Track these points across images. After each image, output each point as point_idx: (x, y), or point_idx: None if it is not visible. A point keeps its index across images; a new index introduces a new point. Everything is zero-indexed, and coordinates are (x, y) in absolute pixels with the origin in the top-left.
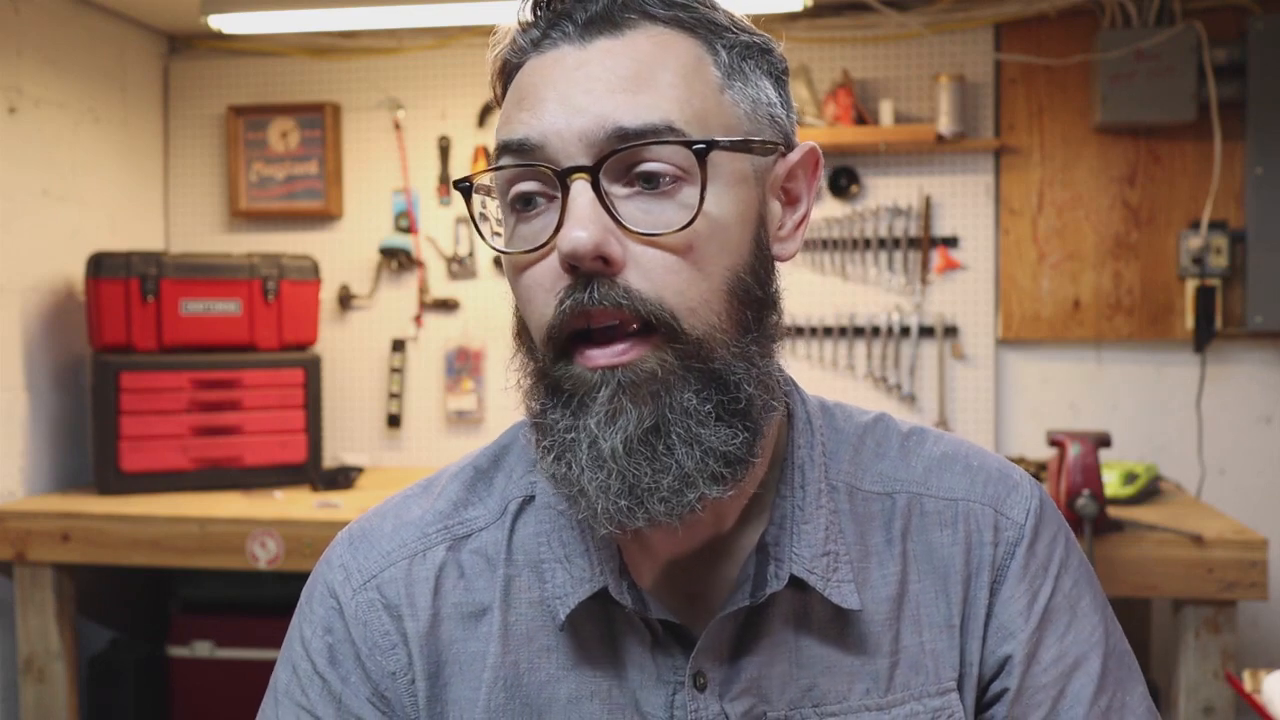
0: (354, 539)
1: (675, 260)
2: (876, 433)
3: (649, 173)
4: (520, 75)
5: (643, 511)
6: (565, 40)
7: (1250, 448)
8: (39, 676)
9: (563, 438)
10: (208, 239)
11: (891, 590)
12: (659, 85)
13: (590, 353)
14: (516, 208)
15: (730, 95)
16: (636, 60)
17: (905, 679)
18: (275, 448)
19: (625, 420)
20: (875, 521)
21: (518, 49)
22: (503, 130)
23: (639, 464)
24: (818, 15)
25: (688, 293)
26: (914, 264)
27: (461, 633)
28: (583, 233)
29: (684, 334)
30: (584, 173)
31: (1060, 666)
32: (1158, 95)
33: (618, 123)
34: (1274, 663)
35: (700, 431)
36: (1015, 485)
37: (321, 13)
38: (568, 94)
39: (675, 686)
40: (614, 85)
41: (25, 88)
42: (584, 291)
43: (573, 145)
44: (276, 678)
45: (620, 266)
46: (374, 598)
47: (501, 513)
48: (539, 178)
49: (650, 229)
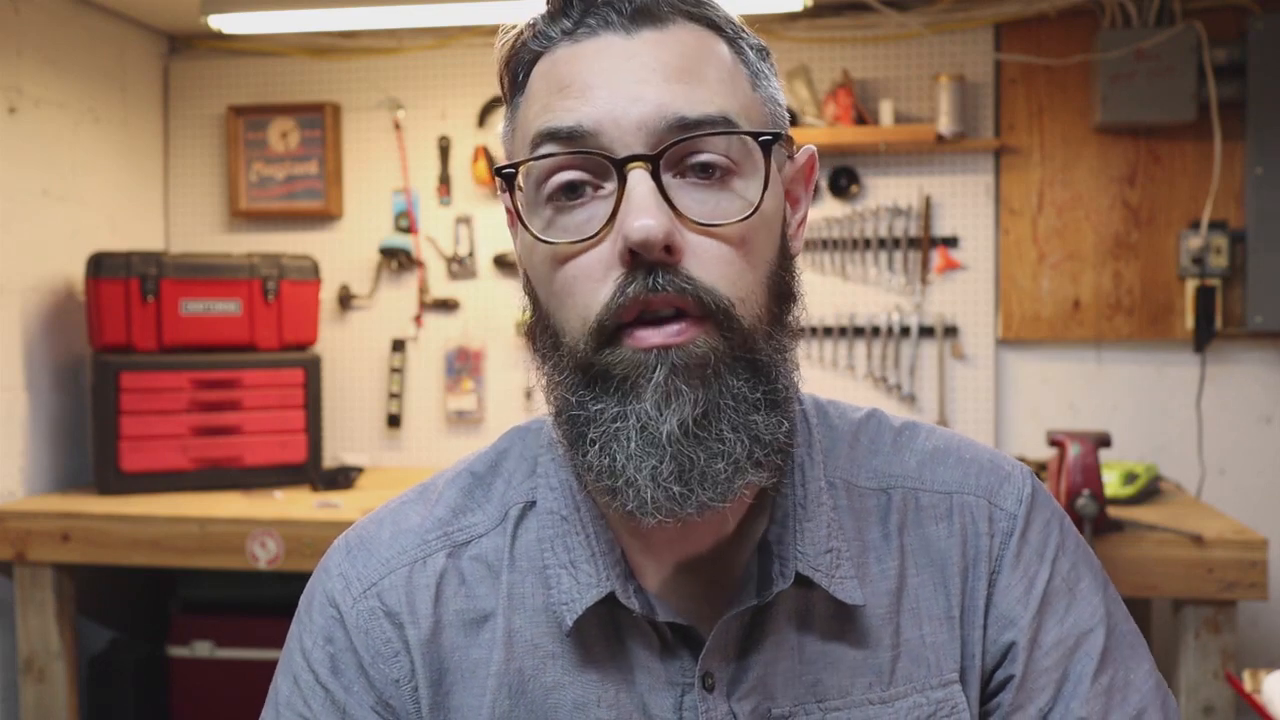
0: (351, 547)
1: (730, 251)
2: (869, 429)
3: (704, 163)
4: (554, 63)
5: (694, 498)
6: (608, 29)
7: (1250, 448)
8: (39, 676)
9: (609, 427)
10: (208, 239)
11: (890, 584)
12: (708, 79)
13: (642, 333)
14: (556, 198)
15: (759, 94)
16: (685, 54)
17: (907, 672)
18: (275, 448)
19: (682, 402)
20: (872, 517)
21: (543, 37)
22: (545, 118)
23: (694, 448)
24: (818, 15)
25: (739, 283)
26: (914, 264)
27: (464, 640)
28: (651, 221)
29: (736, 322)
30: (643, 161)
31: (1062, 649)
32: (1158, 95)
33: (678, 112)
34: (1274, 663)
35: (752, 418)
36: (1007, 475)
37: (321, 13)
38: (621, 82)
39: (684, 688)
40: (669, 75)
41: (25, 88)
42: (646, 279)
43: (630, 134)
44: (277, 689)
45: (681, 255)
46: (375, 605)
47: (502, 519)
48: (589, 167)
49: (709, 219)
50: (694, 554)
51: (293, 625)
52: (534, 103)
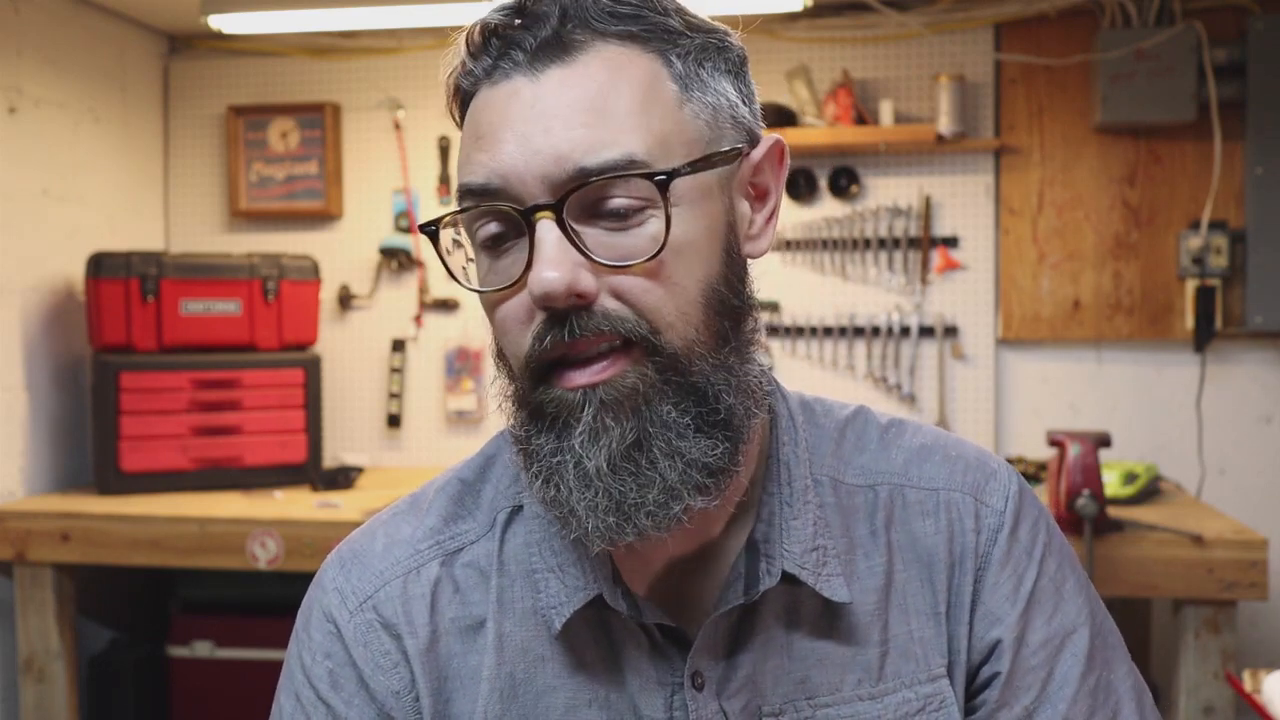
0: (345, 561)
1: (648, 282)
2: (856, 426)
3: (613, 209)
4: (474, 109)
5: (631, 527)
6: (516, 71)
7: (1250, 448)
8: (39, 676)
9: (549, 461)
10: (208, 239)
11: (878, 581)
12: (616, 116)
13: (570, 374)
14: (486, 245)
15: (689, 109)
16: (591, 91)
17: (896, 667)
18: (275, 448)
19: (608, 438)
20: (859, 514)
21: (470, 76)
22: (463, 172)
23: (624, 480)
24: (818, 15)
25: (664, 309)
26: (914, 264)
27: (461, 646)
28: (554, 273)
29: (662, 348)
30: (548, 210)
31: (1049, 649)
32: (1158, 95)
33: (578, 164)
34: (1274, 663)
35: (680, 444)
36: (993, 473)
37: (321, 13)
38: (525, 134)
39: (673, 688)
40: (571, 121)
41: (25, 88)
42: (562, 328)
43: (534, 186)
44: (280, 707)
45: (594, 297)
46: (371, 618)
47: (491, 524)
48: (503, 218)
49: (619, 260)
50: (680, 555)
51: (291, 642)
52: (461, 153)
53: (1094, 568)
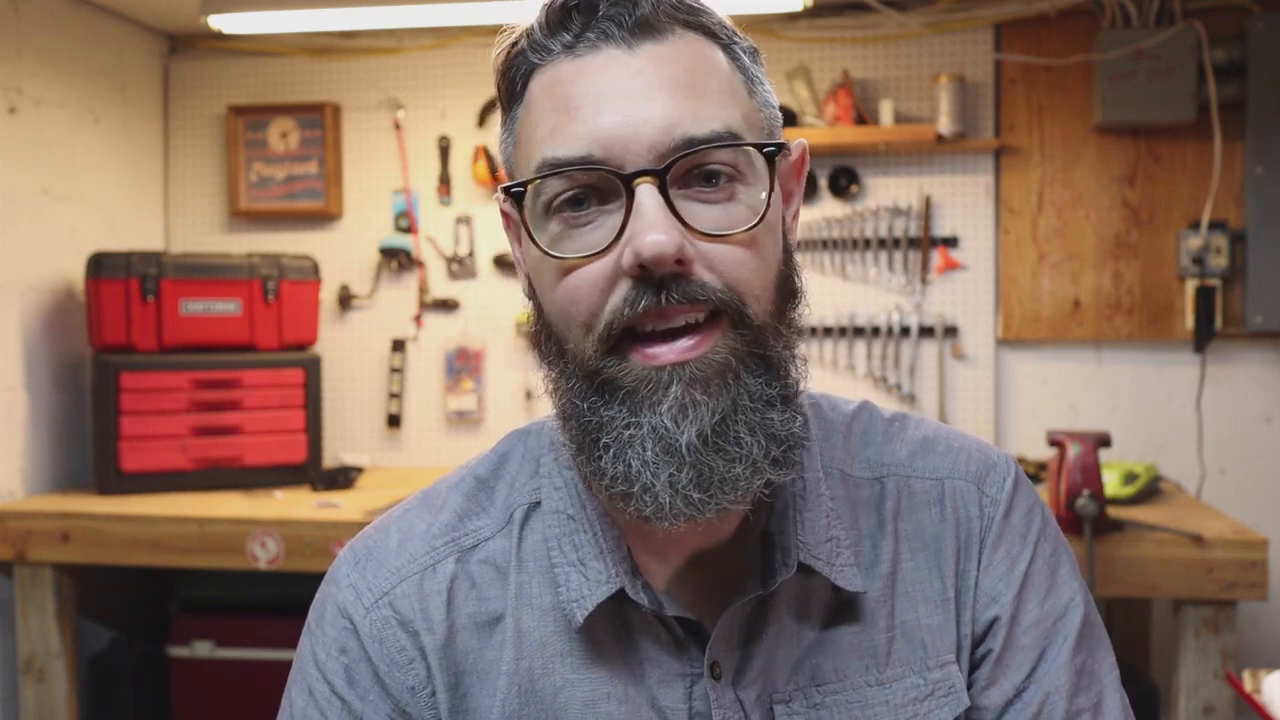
0: (359, 558)
1: (742, 252)
2: (861, 420)
3: (709, 173)
4: (557, 79)
5: (713, 504)
6: (608, 44)
7: (1250, 448)
8: (39, 676)
9: (622, 434)
10: (208, 239)
11: (885, 569)
12: (710, 92)
13: (654, 350)
14: (562, 210)
15: (755, 99)
16: (687, 68)
17: (903, 654)
18: (275, 448)
19: (698, 412)
20: (867, 505)
21: (542, 49)
22: (553, 144)
23: (712, 456)
24: (818, 15)
25: (753, 281)
26: (914, 264)
27: (478, 642)
28: (663, 236)
29: (749, 320)
30: (651, 176)
31: (1041, 628)
32: (1158, 95)
33: (686, 132)
34: (1274, 663)
35: (768, 417)
36: (994, 464)
37: (321, 13)
38: (629, 104)
39: (692, 679)
40: (674, 91)
41: (25, 88)
42: (658, 293)
43: (637, 153)
44: (292, 702)
45: (691, 265)
46: (388, 615)
47: (507, 521)
48: (590, 185)
49: (718, 229)
50: (699, 548)
51: (303, 638)
52: (539, 120)
53: (1094, 568)
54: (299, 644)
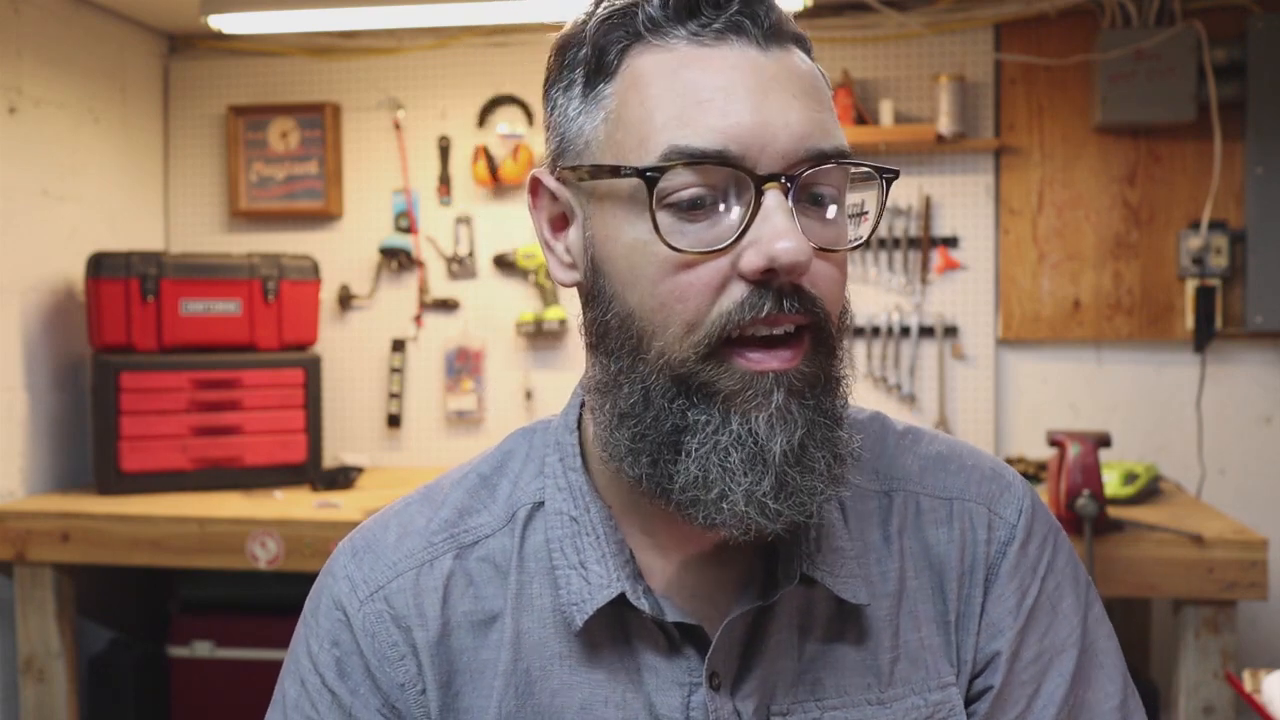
0: (357, 550)
1: (836, 272)
2: (872, 431)
3: (819, 193)
4: (680, 64)
5: (785, 516)
6: (741, 39)
7: (1250, 448)
8: (39, 676)
9: (711, 440)
10: (208, 239)
11: (891, 587)
12: (827, 109)
13: (756, 355)
14: (677, 202)
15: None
16: (811, 81)
17: (905, 674)
18: (275, 448)
19: (791, 424)
20: (872, 519)
21: (657, 27)
22: (683, 133)
23: (794, 468)
24: (818, 15)
25: (839, 299)
26: (914, 264)
27: (472, 641)
28: (798, 244)
29: (832, 339)
30: (783, 182)
31: (1038, 665)
32: (1158, 95)
33: (816, 144)
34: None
35: (836, 434)
36: (1008, 485)
37: (321, 13)
38: (766, 106)
39: (690, 688)
40: (808, 103)
41: (25, 88)
42: (778, 300)
43: (769, 157)
44: (285, 693)
45: (804, 276)
46: (381, 609)
47: (509, 519)
48: (718, 184)
49: (828, 245)
50: (701, 554)
51: (298, 629)
52: (659, 104)
53: (1094, 568)
54: (294, 634)
